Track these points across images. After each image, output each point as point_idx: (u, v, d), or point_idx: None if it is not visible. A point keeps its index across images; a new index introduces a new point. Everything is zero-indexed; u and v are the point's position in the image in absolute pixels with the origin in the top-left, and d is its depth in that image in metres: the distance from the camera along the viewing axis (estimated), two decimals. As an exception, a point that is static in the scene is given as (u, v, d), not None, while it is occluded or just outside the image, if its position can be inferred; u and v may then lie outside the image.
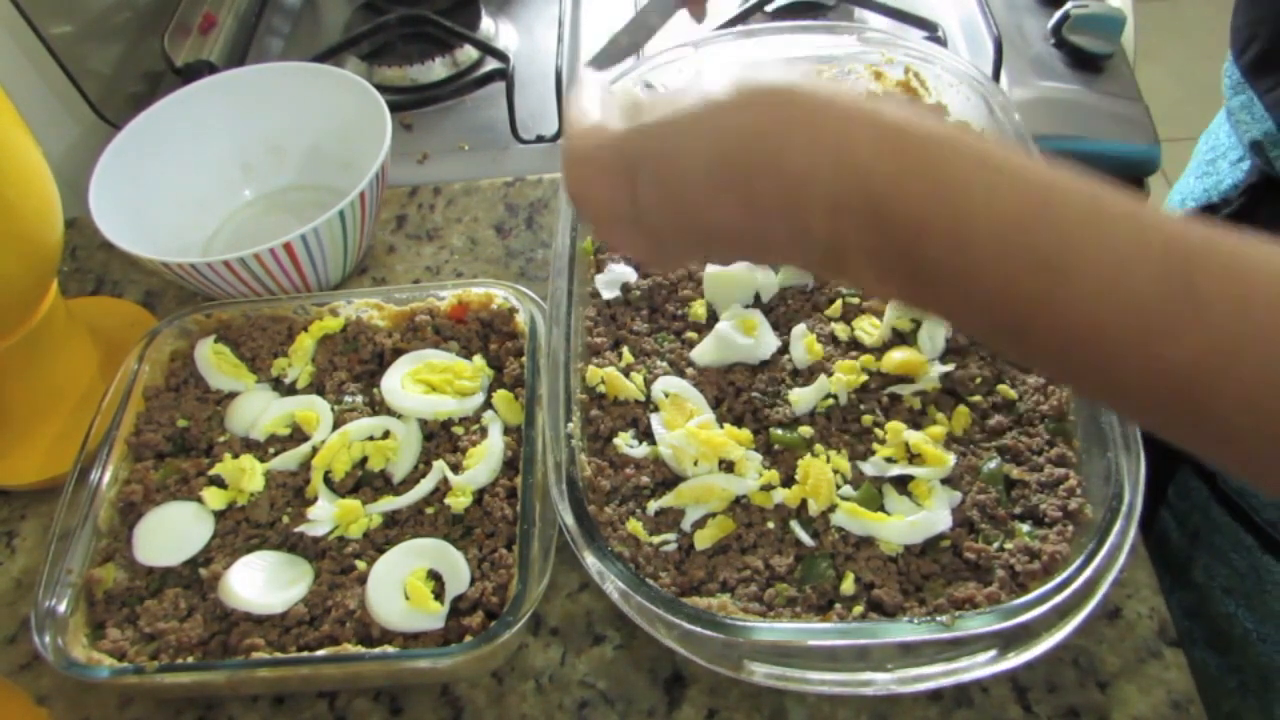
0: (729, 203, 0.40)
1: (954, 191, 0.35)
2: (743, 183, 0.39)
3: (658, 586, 0.53)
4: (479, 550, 0.60)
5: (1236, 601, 0.72)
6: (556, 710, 0.58)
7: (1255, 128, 0.63)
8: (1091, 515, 0.55)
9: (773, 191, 0.38)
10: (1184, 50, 2.27)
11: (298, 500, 0.64)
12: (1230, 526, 0.71)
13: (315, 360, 0.71)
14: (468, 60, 1.03)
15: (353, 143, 0.83)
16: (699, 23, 0.67)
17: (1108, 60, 0.95)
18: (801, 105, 0.38)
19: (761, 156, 0.38)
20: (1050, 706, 0.56)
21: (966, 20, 1.00)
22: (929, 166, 0.36)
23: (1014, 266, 0.35)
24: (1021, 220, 0.35)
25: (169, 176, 0.83)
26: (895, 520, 0.56)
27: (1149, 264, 0.33)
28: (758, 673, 0.51)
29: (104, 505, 0.63)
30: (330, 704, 0.60)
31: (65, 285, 0.86)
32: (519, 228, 0.86)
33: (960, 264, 0.36)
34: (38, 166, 0.65)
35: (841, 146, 0.37)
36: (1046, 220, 0.34)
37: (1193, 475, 0.74)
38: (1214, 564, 0.73)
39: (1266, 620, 0.71)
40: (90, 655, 0.57)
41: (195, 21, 1.08)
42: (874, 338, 0.65)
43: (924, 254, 0.37)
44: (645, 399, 0.63)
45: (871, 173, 0.36)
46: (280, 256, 0.72)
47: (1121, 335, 0.34)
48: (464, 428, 0.65)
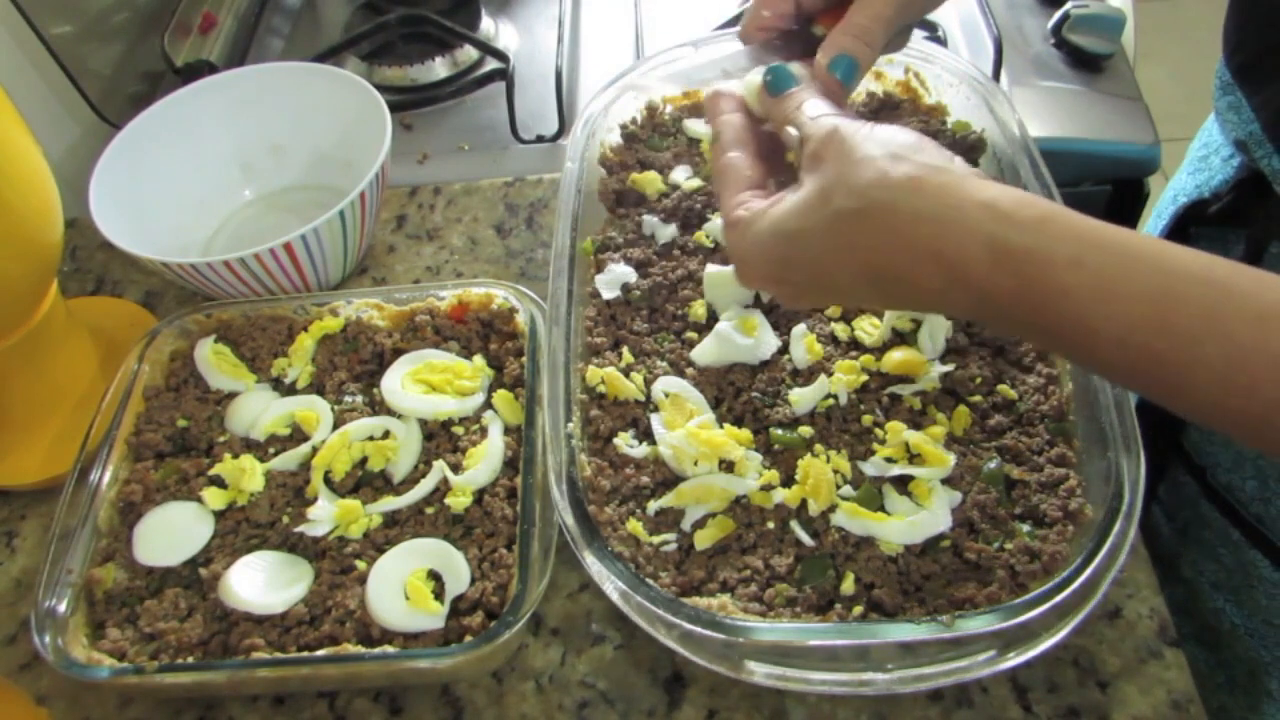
0: (874, 299, 0.48)
1: (1073, 308, 0.40)
2: (881, 296, 0.46)
3: (658, 586, 0.53)
4: (479, 550, 0.60)
5: (1224, 597, 0.73)
6: (556, 710, 0.58)
7: (1241, 128, 0.64)
8: (1091, 515, 0.55)
9: (911, 301, 0.46)
10: (1184, 50, 2.27)
11: (298, 500, 0.64)
12: (1219, 522, 0.71)
13: (315, 360, 0.71)
14: (468, 60, 1.03)
15: (353, 143, 0.83)
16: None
17: (1108, 60, 0.95)
18: (922, 223, 0.42)
19: (894, 280, 0.44)
20: (1050, 706, 0.56)
21: (966, 20, 1.00)
22: (1043, 286, 0.40)
23: (1136, 365, 0.40)
24: (1137, 331, 0.39)
25: (169, 176, 0.83)
26: (895, 520, 0.56)
27: (1268, 357, 0.36)
28: (758, 673, 0.51)
29: (104, 505, 0.63)
30: (330, 704, 0.60)
31: (65, 285, 0.86)
32: (519, 228, 0.86)
33: (1086, 358, 0.42)
34: (38, 166, 0.65)
35: (960, 271, 0.42)
36: (1164, 330, 0.38)
37: (1183, 471, 0.74)
38: (1202, 559, 0.74)
39: (1253, 615, 0.71)
40: (90, 655, 0.57)
41: (195, 21, 1.08)
42: (874, 338, 0.65)
43: (1056, 347, 0.45)
44: (645, 399, 0.63)
45: (993, 293, 0.42)
46: (280, 256, 0.72)
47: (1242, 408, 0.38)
48: (464, 428, 0.65)
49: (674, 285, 0.69)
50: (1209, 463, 0.71)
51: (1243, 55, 0.62)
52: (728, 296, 0.67)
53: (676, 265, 0.70)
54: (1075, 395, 0.60)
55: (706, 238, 0.71)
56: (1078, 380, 0.60)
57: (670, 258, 0.71)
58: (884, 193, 0.43)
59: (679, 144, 0.78)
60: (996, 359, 0.64)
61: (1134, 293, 0.39)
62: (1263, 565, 0.68)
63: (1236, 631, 0.72)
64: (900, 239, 0.43)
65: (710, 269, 0.68)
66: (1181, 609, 0.76)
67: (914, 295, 0.45)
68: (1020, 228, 0.40)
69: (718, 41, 0.79)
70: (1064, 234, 0.40)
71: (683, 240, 0.72)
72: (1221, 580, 0.73)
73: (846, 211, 0.44)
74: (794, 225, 0.46)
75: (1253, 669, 0.72)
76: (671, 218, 0.73)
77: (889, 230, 0.43)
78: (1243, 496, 0.69)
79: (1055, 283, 0.40)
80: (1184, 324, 0.38)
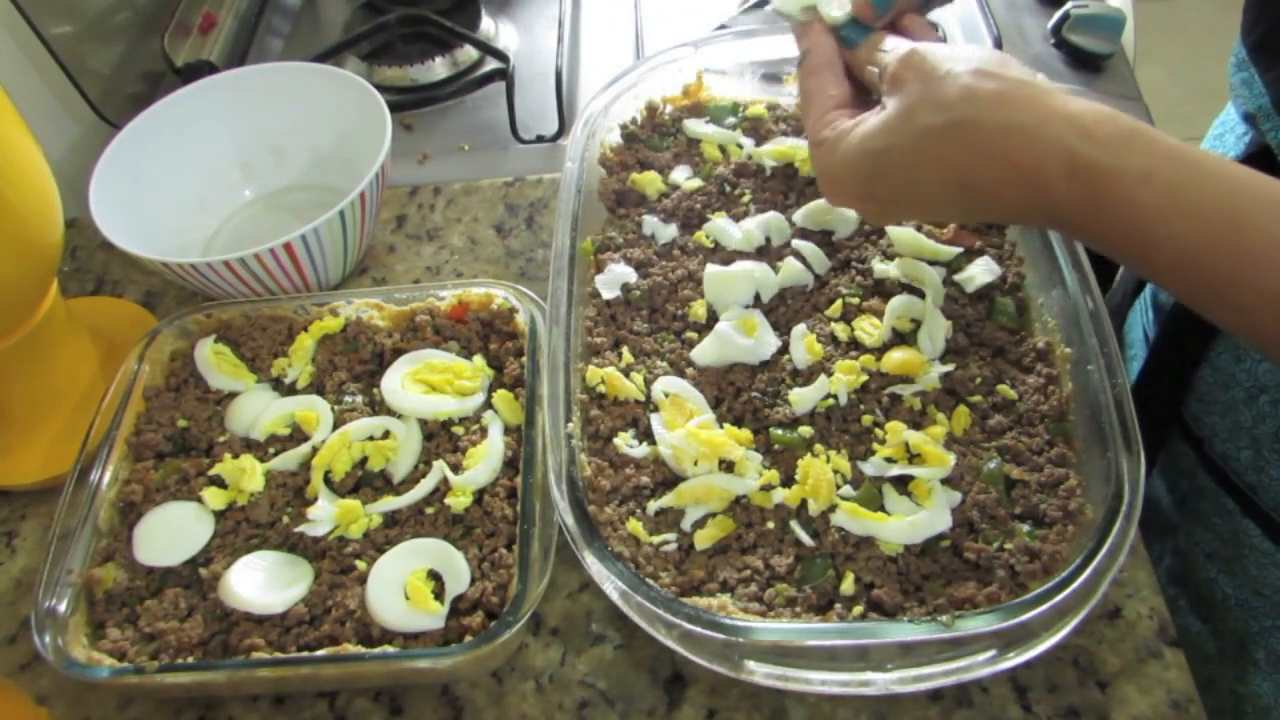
0: (956, 212, 0.51)
1: (1138, 222, 0.42)
2: (963, 208, 0.48)
3: (658, 586, 0.53)
4: (479, 550, 0.60)
5: (1217, 567, 0.74)
6: (556, 710, 0.58)
7: (1252, 102, 0.65)
8: (1091, 515, 0.55)
9: (992, 212, 0.48)
10: (1184, 50, 2.27)
11: (298, 500, 0.64)
12: (1214, 492, 0.72)
13: (315, 360, 0.71)
14: (468, 60, 1.03)
15: (353, 143, 0.83)
16: None
17: (1108, 60, 0.95)
18: (1007, 136, 0.44)
19: (978, 193, 0.46)
20: (1050, 706, 0.56)
21: (966, 20, 1.00)
22: (1111, 201, 0.42)
23: (1197, 282, 0.42)
24: (1203, 250, 0.40)
25: (169, 176, 0.83)
26: (895, 520, 0.56)
27: None
28: (758, 673, 0.51)
29: (104, 505, 0.63)
30: (330, 704, 0.60)
31: (65, 285, 0.86)
32: (519, 228, 0.86)
33: (1150, 273, 0.44)
34: (38, 166, 0.65)
35: (1038, 184, 0.44)
36: (1231, 250, 0.40)
37: (1182, 441, 0.75)
38: (1198, 530, 0.75)
39: (1244, 586, 0.72)
40: (90, 655, 0.57)
41: (195, 21, 1.08)
42: (874, 338, 0.65)
43: (1125, 261, 0.45)
44: (645, 399, 0.63)
45: (1065, 205, 0.44)
46: (280, 256, 0.72)
47: None
48: (464, 428, 0.65)
49: (674, 285, 0.69)
50: (1207, 433, 0.72)
51: (1259, 31, 0.63)
52: (728, 296, 0.67)
53: (676, 265, 0.70)
54: (1075, 395, 0.60)
55: (706, 238, 0.71)
56: (1078, 380, 0.60)
57: (670, 258, 0.71)
58: (970, 107, 0.45)
59: (679, 144, 0.78)
60: (996, 359, 0.64)
61: (1203, 212, 0.40)
62: (1254, 535, 0.69)
63: (1228, 602, 0.73)
64: (986, 152, 0.45)
65: (710, 269, 0.68)
66: (1178, 580, 0.77)
67: (995, 206, 0.47)
68: (1099, 143, 0.42)
69: (718, 41, 0.79)
70: (1140, 150, 0.41)
71: (683, 240, 0.72)
72: (1215, 550, 0.73)
73: (933, 127, 0.46)
74: (880, 143, 0.48)
75: (1241, 639, 0.73)
76: (671, 218, 0.73)
77: (975, 144, 0.45)
78: (1238, 466, 0.70)
79: (1123, 196, 0.41)
80: (1252, 246, 0.39)
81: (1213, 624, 0.75)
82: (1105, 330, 0.59)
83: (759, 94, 0.81)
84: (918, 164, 0.47)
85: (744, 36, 0.79)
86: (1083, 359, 0.59)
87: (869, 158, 0.49)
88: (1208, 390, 0.71)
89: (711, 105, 0.80)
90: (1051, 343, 0.63)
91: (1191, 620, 0.77)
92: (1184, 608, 0.77)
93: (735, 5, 1.01)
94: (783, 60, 0.80)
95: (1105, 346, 0.58)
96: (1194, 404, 0.73)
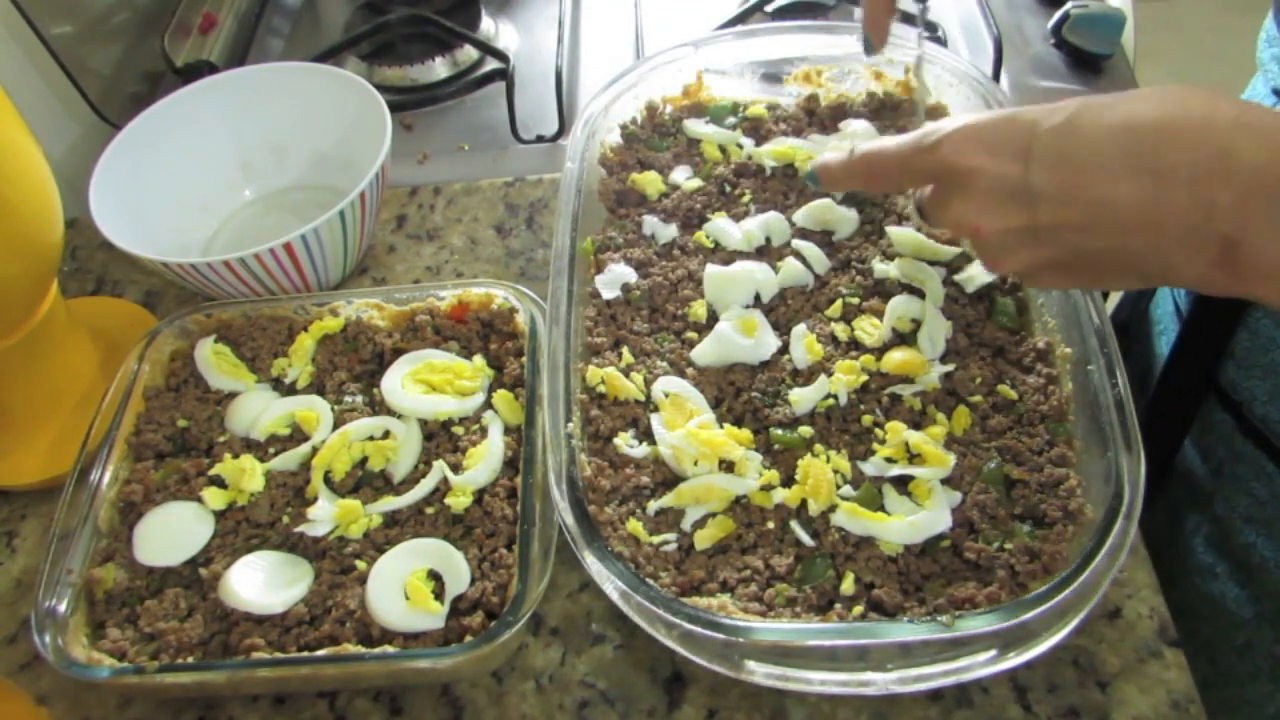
0: (1133, 173, 0.42)
1: None
2: (1152, 154, 0.42)
3: (658, 586, 0.53)
4: (479, 550, 0.60)
5: (1256, 531, 0.74)
6: (556, 710, 0.58)
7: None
8: (1091, 515, 0.55)
9: (1187, 161, 0.41)
10: (1184, 50, 2.27)
11: (298, 500, 0.64)
12: (1253, 455, 0.72)
13: (315, 360, 0.71)
14: (468, 60, 1.03)
15: (353, 143, 0.83)
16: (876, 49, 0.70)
17: (1108, 60, 0.95)
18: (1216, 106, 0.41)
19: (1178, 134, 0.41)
20: (1050, 706, 0.56)
21: (966, 20, 1.00)
22: None
23: None
24: None
25: (169, 176, 0.83)
26: (895, 520, 0.56)
27: None
28: (758, 673, 0.51)
29: (104, 505, 0.63)
30: (330, 704, 0.60)
31: (65, 285, 0.86)
32: (519, 228, 0.86)
33: None
34: (38, 166, 0.65)
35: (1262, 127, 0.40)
36: None
37: (1218, 408, 0.75)
38: (1236, 495, 0.75)
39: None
40: (90, 655, 0.57)
41: (195, 21, 1.08)
42: (874, 338, 0.65)
43: None
44: (645, 399, 0.63)
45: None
46: (280, 256, 0.72)
47: None
48: (464, 428, 0.65)
49: (674, 285, 0.69)
50: (1245, 398, 0.72)
51: None
52: (728, 296, 0.67)
53: (676, 265, 0.70)
54: (1075, 395, 0.60)
55: (706, 238, 0.71)
56: (1078, 380, 0.60)
57: (670, 258, 0.71)
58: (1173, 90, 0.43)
59: (679, 144, 0.78)
60: (996, 359, 0.64)
61: None
62: None
63: (1266, 565, 0.73)
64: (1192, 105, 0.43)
65: (710, 269, 0.68)
66: (1215, 546, 0.77)
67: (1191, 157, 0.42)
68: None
69: (718, 41, 0.79)
70: None
71: (683, 240, 0.72)
72: (1254, 514, 0.74)
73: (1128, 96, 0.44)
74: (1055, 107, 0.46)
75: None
76: (671, 218, 0.73)
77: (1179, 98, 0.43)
78: (1279, 429, 0.70)
79: None
80: None
81: (1251, 589, 0.75)
82: (1105, 330, 0.59)
83: (759, 94, 0.81)
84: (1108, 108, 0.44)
85: (744, 36, 0.80)
86: (1083, 359, 0.60)
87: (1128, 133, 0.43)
88: (1245, 355, 0.71)
89: (711, 105, 0.80)
90: (1051, 343, 0.63)
91: (1229, 586, 0.77)
92: (1222, 574, 0.77)
93: (735, 5, 1.01)
94: (783, 60, 0.80)
95: (1105, 346, 0.58)
96: (1231, 369, 0.73)
